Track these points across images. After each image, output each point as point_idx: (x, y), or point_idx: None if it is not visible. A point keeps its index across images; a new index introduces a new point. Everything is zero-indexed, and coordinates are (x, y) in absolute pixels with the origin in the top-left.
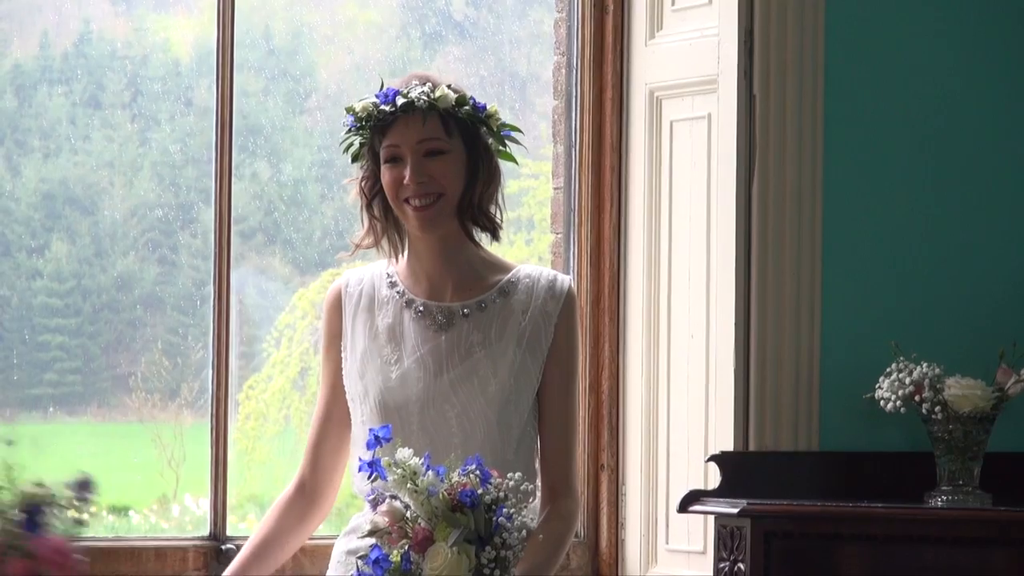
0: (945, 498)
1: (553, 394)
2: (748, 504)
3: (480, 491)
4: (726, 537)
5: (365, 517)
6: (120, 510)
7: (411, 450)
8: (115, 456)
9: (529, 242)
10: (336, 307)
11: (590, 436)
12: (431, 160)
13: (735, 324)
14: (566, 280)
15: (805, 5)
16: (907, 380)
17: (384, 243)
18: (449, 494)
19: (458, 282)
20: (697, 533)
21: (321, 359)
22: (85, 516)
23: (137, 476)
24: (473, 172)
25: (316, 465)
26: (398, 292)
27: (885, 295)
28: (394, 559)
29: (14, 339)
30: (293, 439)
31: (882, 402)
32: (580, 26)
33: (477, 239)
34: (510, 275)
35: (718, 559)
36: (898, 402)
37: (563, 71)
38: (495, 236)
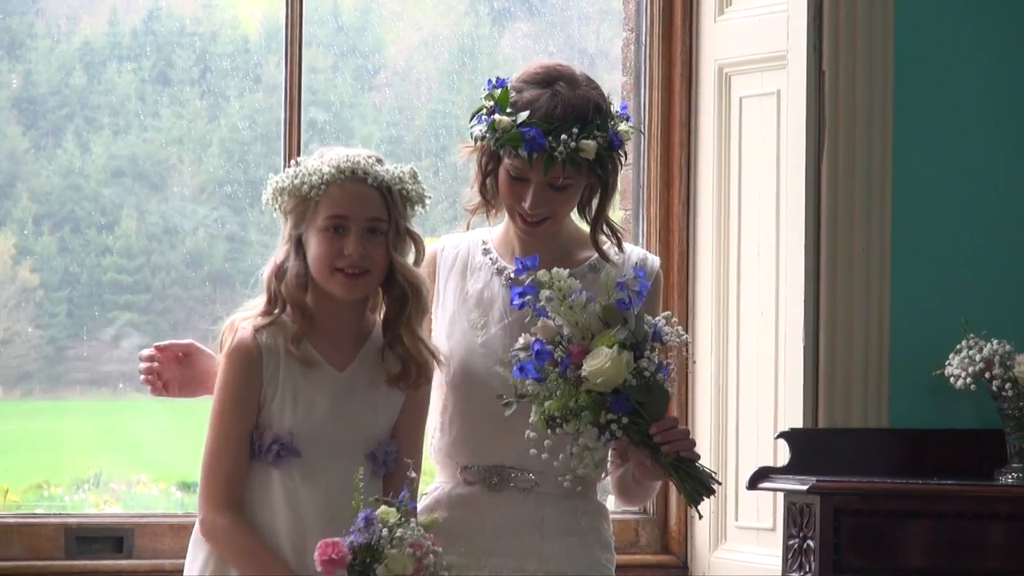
0: (1015, 475)
1: None
2: (817, 481)
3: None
4: (795, 514)
5: (440, 490)
6: (189, 487)
7: (567, 271)
8: (184, 433)
9: None
10: (429, 270)
11: None
12: (554, 192)
13: (804, 301)
14: (656, 261)
15: None
16: (977, 357)
17: (491, 215)
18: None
19: (550, 255)
20: (766, 510)
21: None
22: None
23: None
24: (601, 190)
25: None
26: (491, 259)
27: (955, 272)
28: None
29: (84, 316)
30: None
31: (952, 379)
32: (649, 2)
33: (601, 244)
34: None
35: (787, 536)
36: (968, 379)
37: (632, 47)
38: (620, 246)
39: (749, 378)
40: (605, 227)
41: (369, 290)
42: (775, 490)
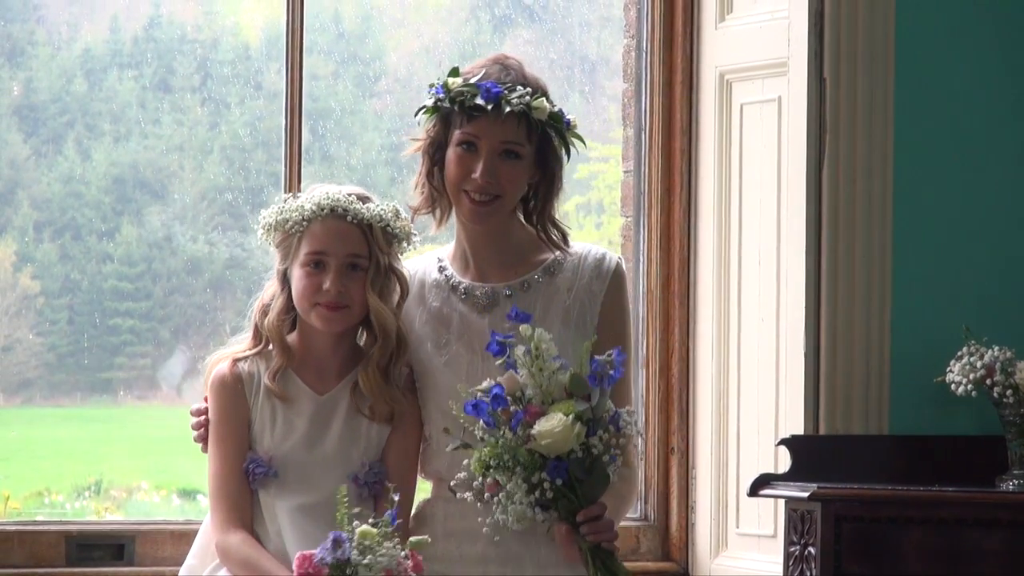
0: (1016, 482)
1: None
2: (818, 488)
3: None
4: (796, 521)
5: (433, 502)
6: (189, 494)
7: (550, 335)
8: (184, 441)
9: (599, 225)
10: None
11: (660, 419)
12: (505, 161)
13: (805, 308)
14: (614, 258)
15: None
16: (978, 364)
17: (436, 212)
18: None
19: (503, 263)
20: (767, 517)
21: None
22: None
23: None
24: (547, 178)
25: None
26: (446, 276)
27: (956, 279)
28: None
29: (85, 323)
30: None
31: (953, 385)
32: (650, 9)
33: (549, 244)
34: (557, 253)
35: (788, 543)
36: (969, 386)
37: (633, 54)
38: (565, 242)
39: (750, 384)
40: (553, 229)
41: (349, 323)
42: (776, 497)
